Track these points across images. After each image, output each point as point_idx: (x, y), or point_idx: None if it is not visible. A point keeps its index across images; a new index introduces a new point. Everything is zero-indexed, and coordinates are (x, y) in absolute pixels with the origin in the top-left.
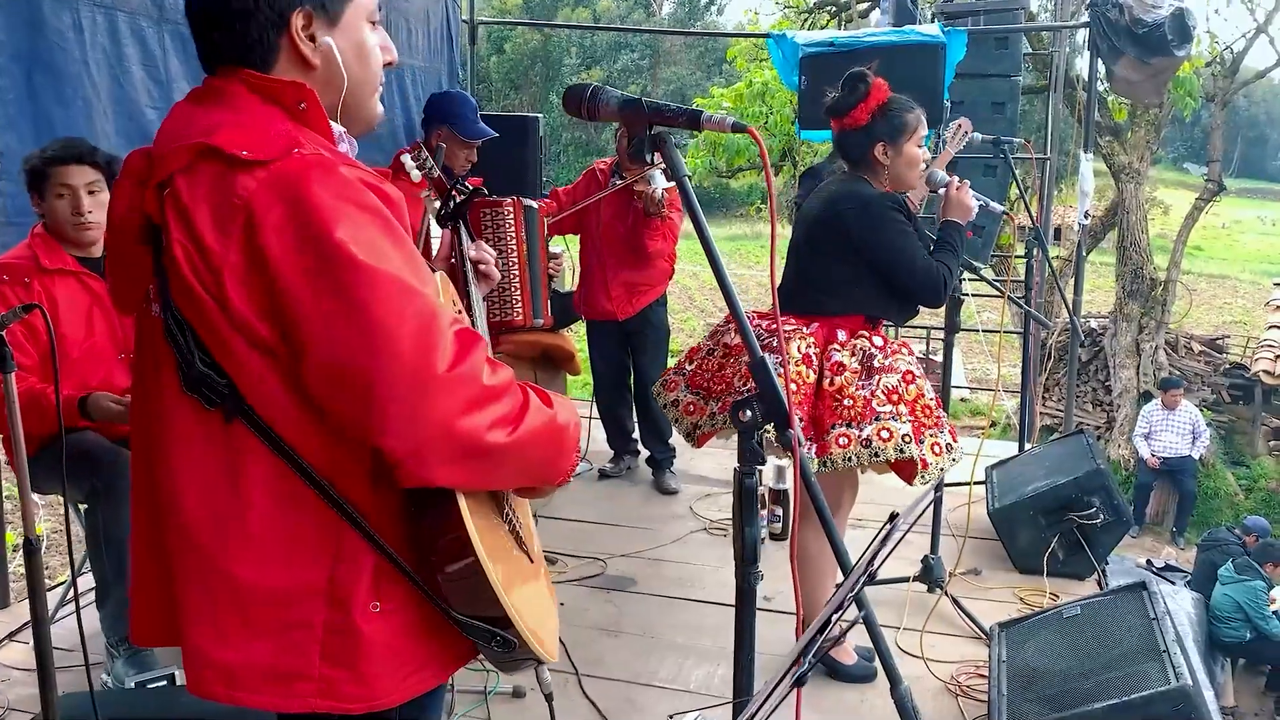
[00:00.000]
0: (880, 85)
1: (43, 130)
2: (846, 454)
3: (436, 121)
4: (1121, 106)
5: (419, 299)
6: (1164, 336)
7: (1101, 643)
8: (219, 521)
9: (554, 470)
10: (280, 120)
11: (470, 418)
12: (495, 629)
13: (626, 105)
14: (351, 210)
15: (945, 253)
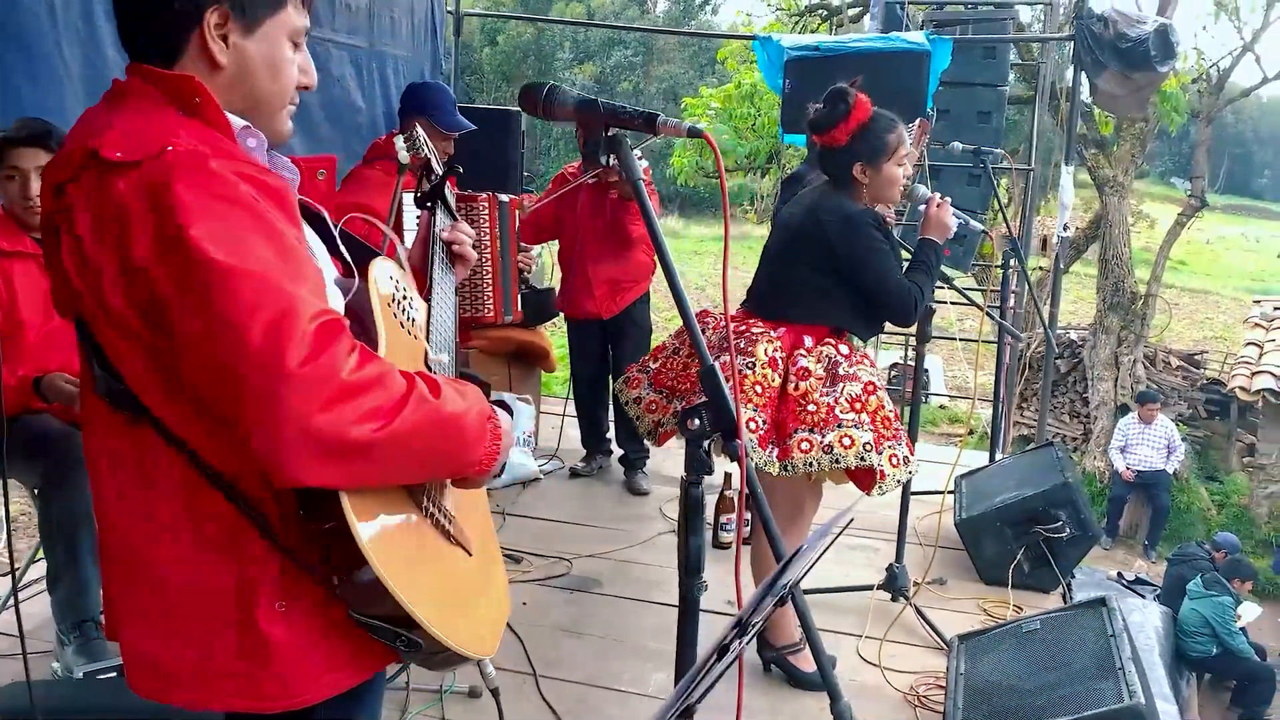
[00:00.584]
0: (863, 104)
1: (11, 108)
2: (808, 459)
3: (414, 112)
4: (1108, 120)
5: (275, 293)
6: (1143, 350)
7: (1058, 658)
8: (137, 520)
9: (456, 463)
10: (170, 116)
11: (329, 414)
12: (398, 629)
13: (583, 106)
14: (215, 205)
15: (919, 272)
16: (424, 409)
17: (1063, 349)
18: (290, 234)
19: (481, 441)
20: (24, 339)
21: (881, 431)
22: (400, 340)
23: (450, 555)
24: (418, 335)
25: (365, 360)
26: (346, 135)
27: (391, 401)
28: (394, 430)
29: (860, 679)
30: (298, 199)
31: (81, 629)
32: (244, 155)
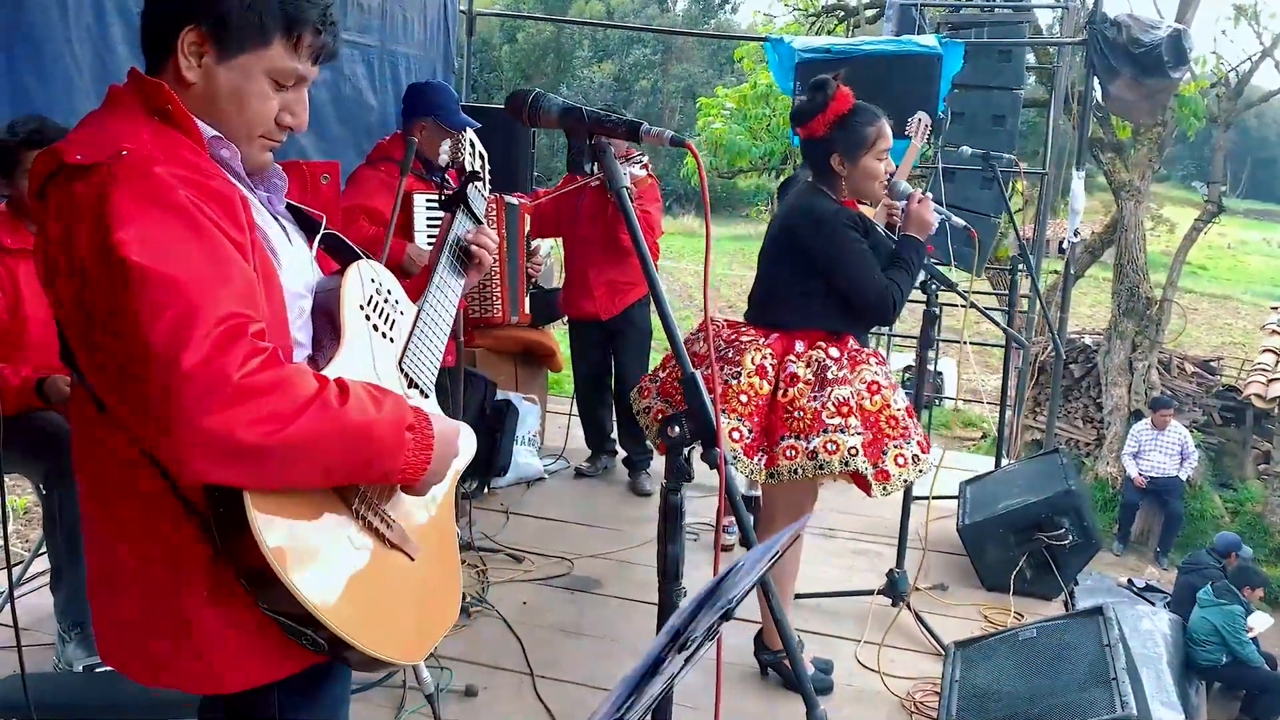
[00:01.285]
0: (843, 95)
1: (20, 105)
2: (793, 465)
3: (419, 113)
4: (1125, 124)
5: (183, 295)
6: (1157, 356)
7: (1054, 667)
8: (96, 499)
9: (368, 471)
10: (140, 120)
11: (218, 415)
12: (301, 627)
13: (567, 114)
14: (146, 210)
15: (897, 270)
16: (325, 415)
17: (1076, 354)
18: (223, 239)
19: (398, 451)
20: (28, 335)
21: (886, 431)
22: (364, 342)
23: (382, 559)
24: (395, 338)
25: (268, 365)
26: (358, 134)
27: (290, 407)
28: (288, 435)
29: (857, 684)
30: (287, 204)
31: (82, 627)
32: (197, 161)
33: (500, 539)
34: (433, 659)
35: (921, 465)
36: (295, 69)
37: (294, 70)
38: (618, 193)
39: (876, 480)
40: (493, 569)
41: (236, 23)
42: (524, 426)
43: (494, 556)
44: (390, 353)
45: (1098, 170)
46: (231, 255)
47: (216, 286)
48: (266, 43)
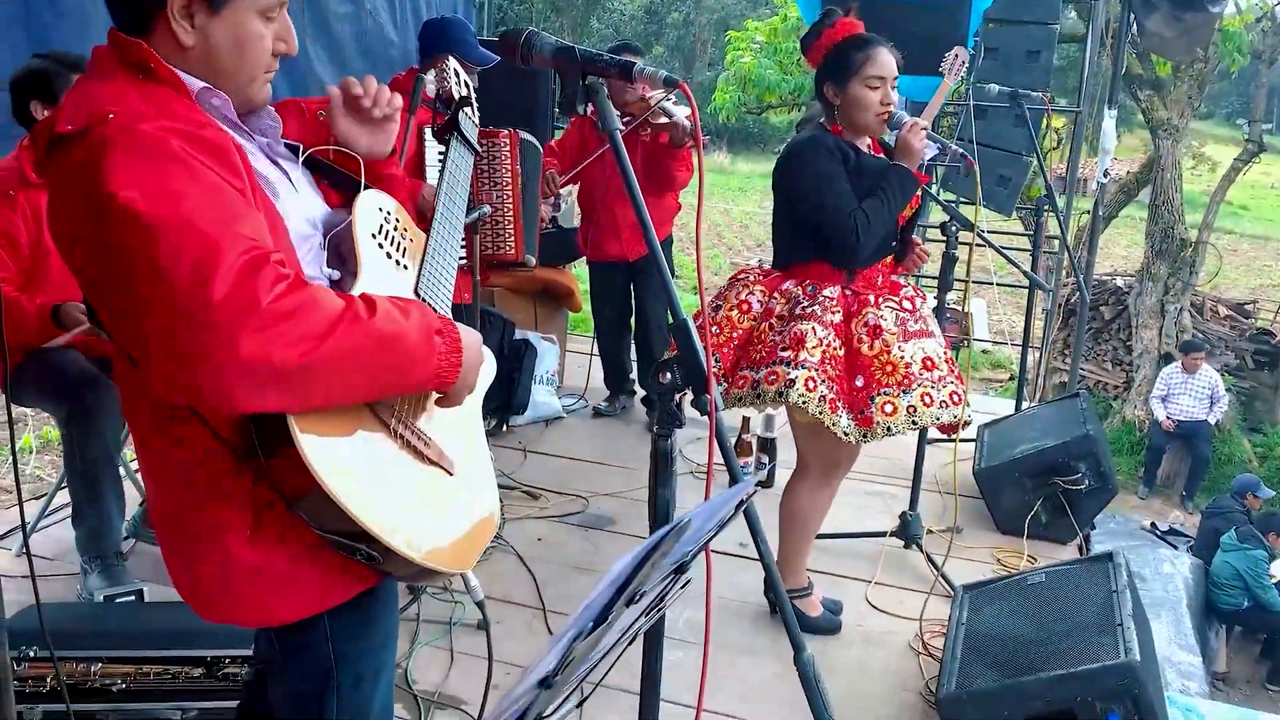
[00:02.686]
0: (845, 24)
1: (36, 43)
2: (737, 394)
3: (438, 50)
4: (1165, 60)
5: (198, 233)
6: (1190, 298)
7: (1061, 612)
8: (143, 446)
9: (406, 378)
10: (125, 81)
11: (252, 340)
12: (355, 542)
13: (560, 53)
14: (142, 165)
15: (871, 199)
16: (356, 328)
17: (1107, 296)
18: (221, 182)
19: (430, 356)
20: (50, 268)
21: (878, 378)
22: (382, 271)
23: (422, 473)
24: (408, 265)
25: (294, 288)
26: (378, 68)
27: (321, 325)
28: (324, 352)
29: (866, 624)
30: (285, 143)
31: (102, 559)
32: (188, 114)
33: (517, 476)
34: (446, 593)
35: (918, 418)
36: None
37: (275, 1)
38: (610, 134)
39: (858, 425)
40: (509, 505)
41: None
42: (542, 365)
43: (510, 493)
44: (406, 279)
45: (1136, 108)
46: (235, 197)
47: (229, 222)
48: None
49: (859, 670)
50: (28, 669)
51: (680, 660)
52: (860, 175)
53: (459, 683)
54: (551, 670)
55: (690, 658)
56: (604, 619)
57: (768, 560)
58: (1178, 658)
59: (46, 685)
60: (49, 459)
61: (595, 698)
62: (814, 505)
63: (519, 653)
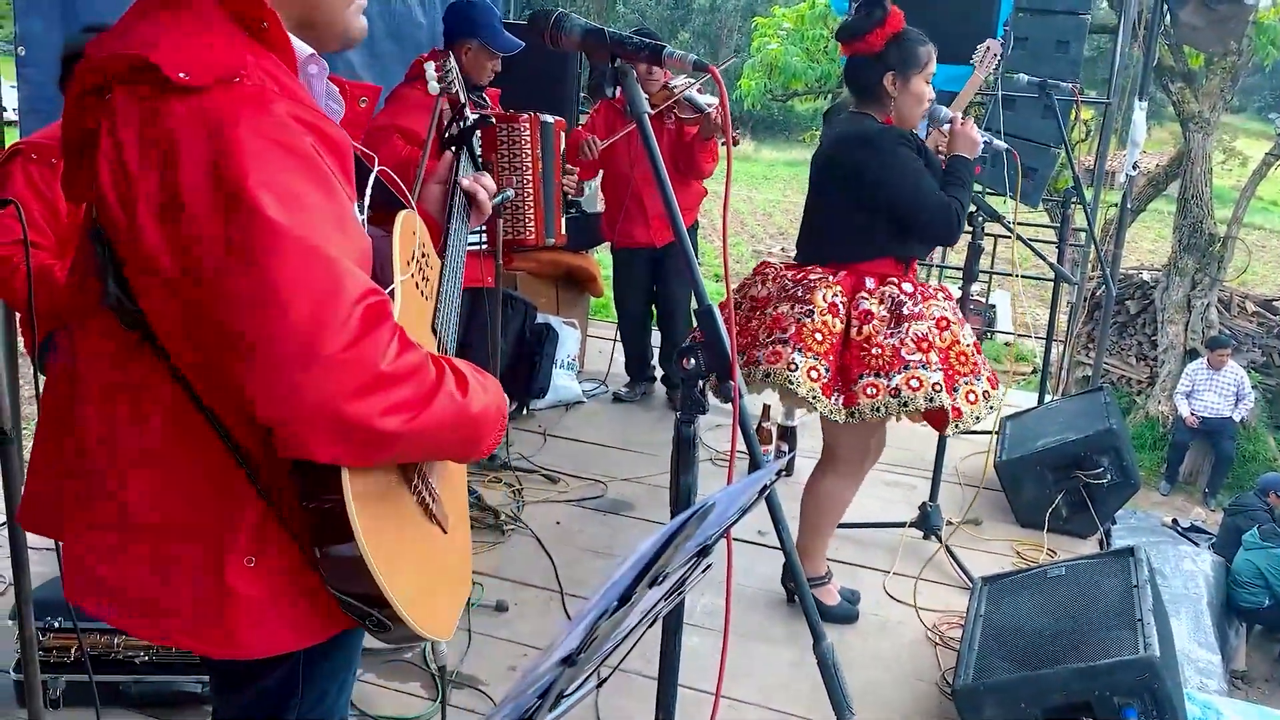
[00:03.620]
0: (898, 13)
1: (68, 15)
2: (875, 404)
3: (464, 35)
4: (1197, 52)
5: (326, 265)
6: (1217, 294)
7: (1080, 606)
8: (113, 442)
9: (461, 454)
10: (235, 38)
11: (361, 403)
12: (370, 608)
13: (589, 35)
14: (277, 155)
15: (955, 187)
16: (449, 406)
17: (1133, 290)
18: (345, 195)
19: (493, 434)
20: None
21: (957, 368)
22: (413, 303)
23: (427, 535)
24: (429, 295)
25: (404, 349)
26: (406, 51)
27: (421, 394)
28: (420, 424)
29: (883, 614)
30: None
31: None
32: (306, 97)
33: (536, 460)
34: None
35: (991, 402)
36: None
37: None
38: (638, 118)
39: (952, 417)
40: (528, 489)
41: None
42: (563, 350)
43: (529, 476)
44: (427, 312)
45: (1166, 100)
46: (353, 216)
47: (347, 254)
48: None
49: (875, 660)
50: (52, 639)
51: (696, 646)
52: (929, 168)
53: (476, 662)
54: (575, 648)
55: (707, 644)
56: (627, 599)
57: (789, 547)
58: (1196, 655)
59: (70, 656)
60: None
61: (611, 681)
62: (839, 496)
63: (536, 634)
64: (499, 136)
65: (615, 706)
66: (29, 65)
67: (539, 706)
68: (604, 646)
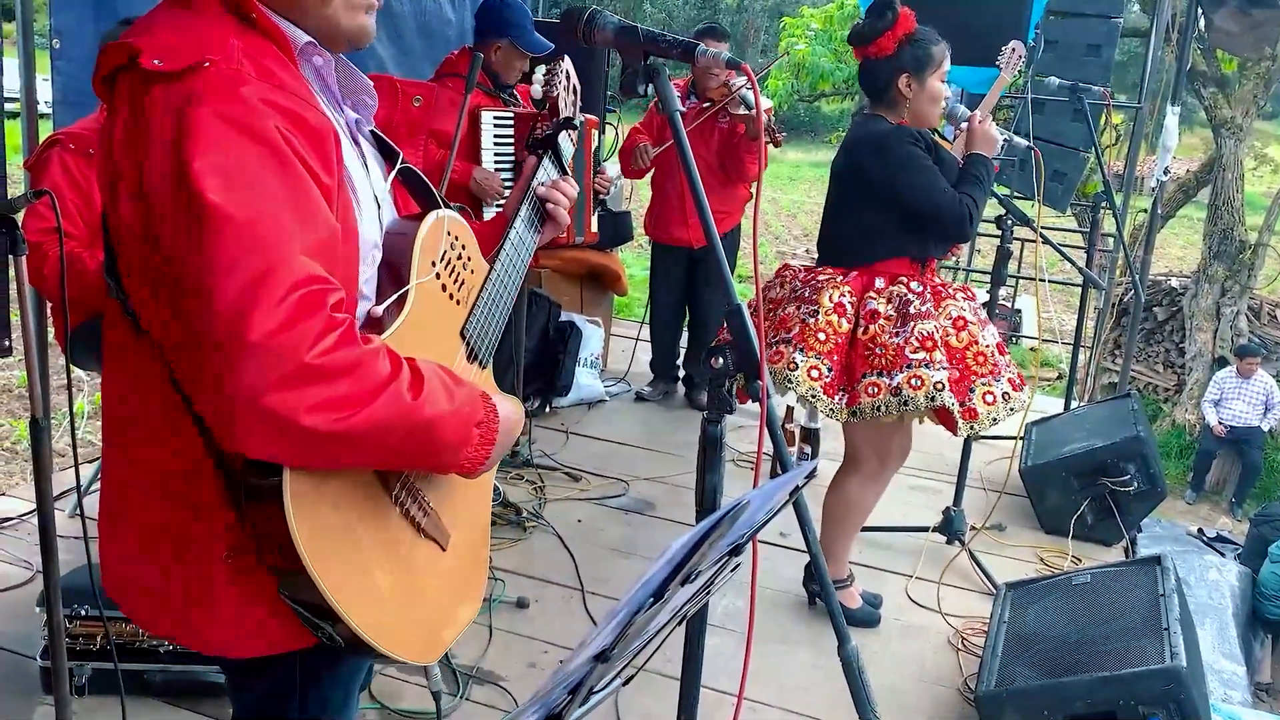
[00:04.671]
0: (908, 15)
1: (103, 11)
2: (876, 402)
3: (495, 34)
4: (1230, 57)
5: (261, 250)
6: (1247, 301)
7: (1105, 614)
8: (122, 432)
9: (427, 464)
10: (226, 25)
11: (284, 395)
12: (319, 620)
13: (623, 33)
14: (232, 137)
15: (969, 185)
16: (395, 408)
17: (1162, 296)
18: (311, 182)
19: (463, 446)
20: None
21: (974, 368)
22: (432, 304)
23: (414, 550)
24: (462, 300)
25: (343, 343)
26: (436, 48)
27: (360, 393)
28: (354, 424)
29: (906, 619)
30: (373, 133)
31: None
32: (291, 81)
33: (559, 458)
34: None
35: (1013, 403)
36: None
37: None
38: (671, 115)
39: (964, 418)
40: (550, 486)
41: None
42: (587, 348)
43: (552, 474)
44: (454, 316)
45: (1198, 106)
46: (318, 203)
47: (298, 241)
48: None
49: (897, 664)
50: (79, 627)
51: (718, 647)
52: (940, 166)
53: (497, 658)
54: (609, 644)
55: (728, 645)
56: (660, 596)
57: (815, 550)
58: (1221, 666)
59: (96, 644)
60: (99, 424)
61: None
62: (862, 499)
63: (556, 632)
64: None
65: (636, 705)
66: (63, 58)
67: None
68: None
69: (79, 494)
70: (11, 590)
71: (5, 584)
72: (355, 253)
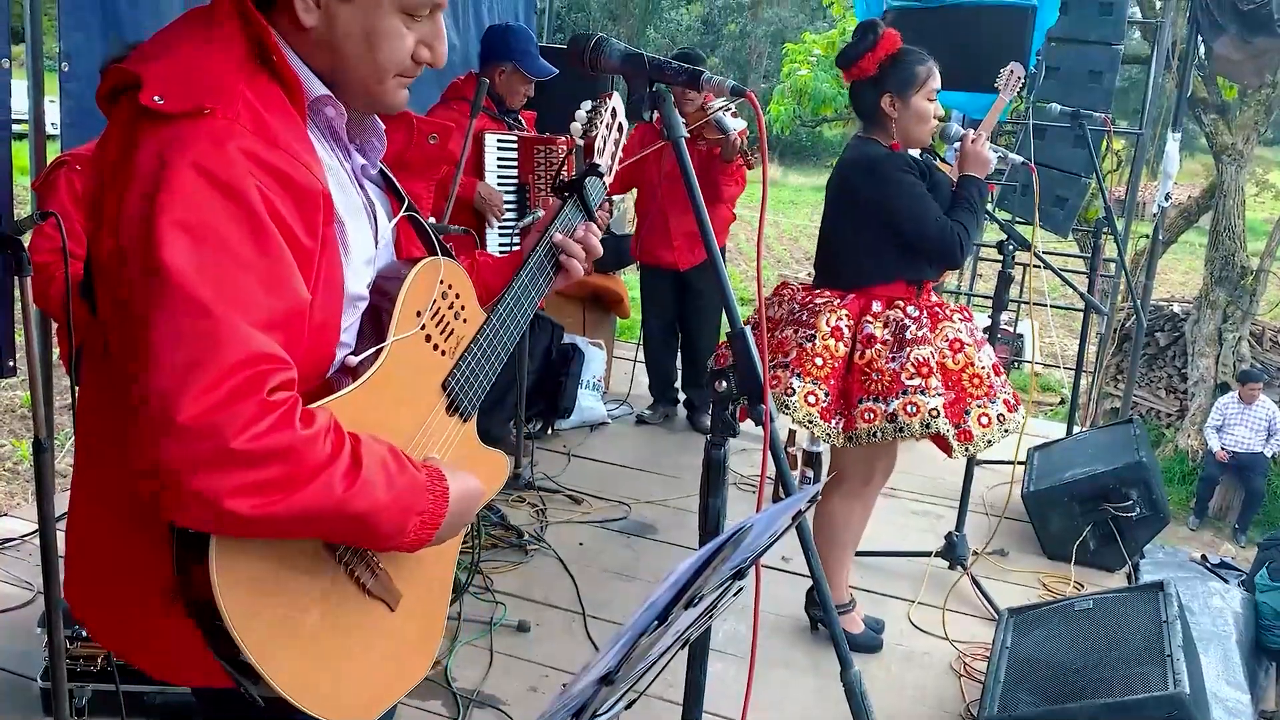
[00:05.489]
0: (891, 36)
1: (111, 31)
2: (872, 429)
3: (499, 58)
4: (1231, 84)
5: (208, 325)
6: (1249, 327)
7: (1108, 640)
8: (88, 445)
9: (363, 545)
10: (238, 63)
11: (207, 478)
12: (242, 677)
13: (628, 60)
14: (205, 193)
15: (961, 210)
16: (325, 497)
17: (1164, 322)
18: (283, 247)
19: (400, 535)
20: None
21: (970, 390)
22: (411, 357)
23: (354, 609)
24: (449, 350)
25: (277, 428)
26: (442, 73)
27: (288, 480)
28: (277, 511)
29: (908, 644)
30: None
31: None
32: (287, 136)
33: (560, 480)
34: (488, 593)
35: (1007, 425)
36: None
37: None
38: (675, 142)
39: (959, 440)
40: (552, 509)
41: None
42: (589, 371)
43: (553, 497)
44: (437, 369)
45: (1199, 132)
46: (287, 270)
47: (255, 311)
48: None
49: (899, 690)
50: (79, 648)
51: (720, 672)
52: (934, 191)
53: (498, 682)
54: (614, 667)
55: (730, 670)
56: (664, 619)
57: (818, 573)
58: (1225, 694)
59: (97, 665)
60: None
61: (635, 705)
62: (848, 517)
63: (558, 655)
64: (535, 158)
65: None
66: (72, 80)
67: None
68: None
69: None
70: (12, 611)
71: (6, 605)
72: (336, 306)
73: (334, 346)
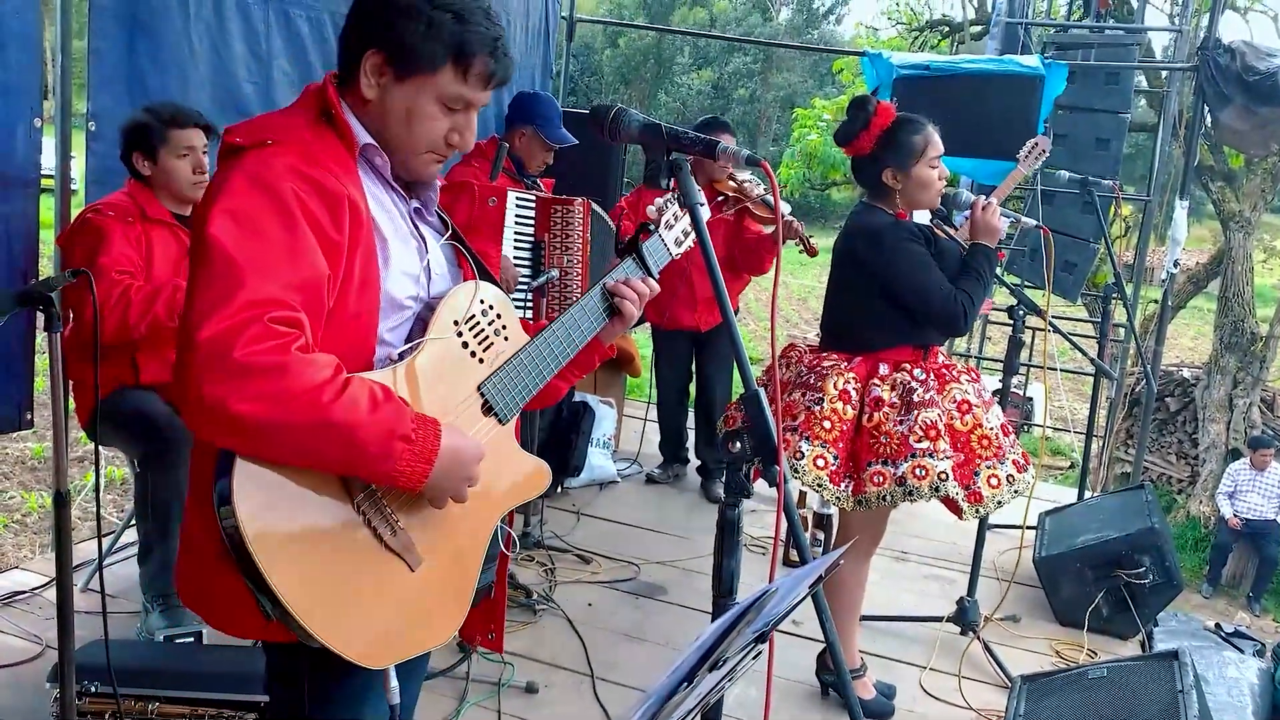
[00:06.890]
0: (885, 110)
1: (136, 93)
2: (881, 492)
3: (522, 121)
4: (1237, 153)
5: (237, 276)
6: (1260, 393)
7: (1122, 709)
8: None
9: (351, 469)
10: (307, 117)
11: (215, 386)
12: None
13: (647, 130)
14: (251, 190)
15: (968, 279)
16: (313, 407)
17: (1174, 387)
18: (309, 233)
19: (386, 458)
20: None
21: (979, 452)
22: (447, 356)
23: (372, 559)
24: (486, 359)
25: (276, 349)
26: None
27: (282, 390)
28: (274, 417)
29: (920, 710)
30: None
31: (165, 599)
32: (329, 162)
33: (570, 539)
34: (495, 654)
35: (1017, 485)
36: (462, 94)
37: (461, 95)
38: (692, 209)
39: (969, 502)
40: (561, 568)
41: (412, 49)
42: (599, 429)
43: (563, 556)
44: (474, 371)
45: (1206, 199)
46: (308, 249)
47: (270, 273)
48: (435, 69)
49: None
50: (88, 704)
51: None
52: (941, 258)
53: None
54: None
55: None
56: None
57: (833, 638)
58: None
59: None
60: (111, 498)
61: None
62: (855, 577)
63: (565, 717)
64: (553, 217)
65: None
66: (98, 140)
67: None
68: None
69: (99, 568)
70: (20, 665)
71: (14, 659)
72: (373, 302)
73: (372, 338)
